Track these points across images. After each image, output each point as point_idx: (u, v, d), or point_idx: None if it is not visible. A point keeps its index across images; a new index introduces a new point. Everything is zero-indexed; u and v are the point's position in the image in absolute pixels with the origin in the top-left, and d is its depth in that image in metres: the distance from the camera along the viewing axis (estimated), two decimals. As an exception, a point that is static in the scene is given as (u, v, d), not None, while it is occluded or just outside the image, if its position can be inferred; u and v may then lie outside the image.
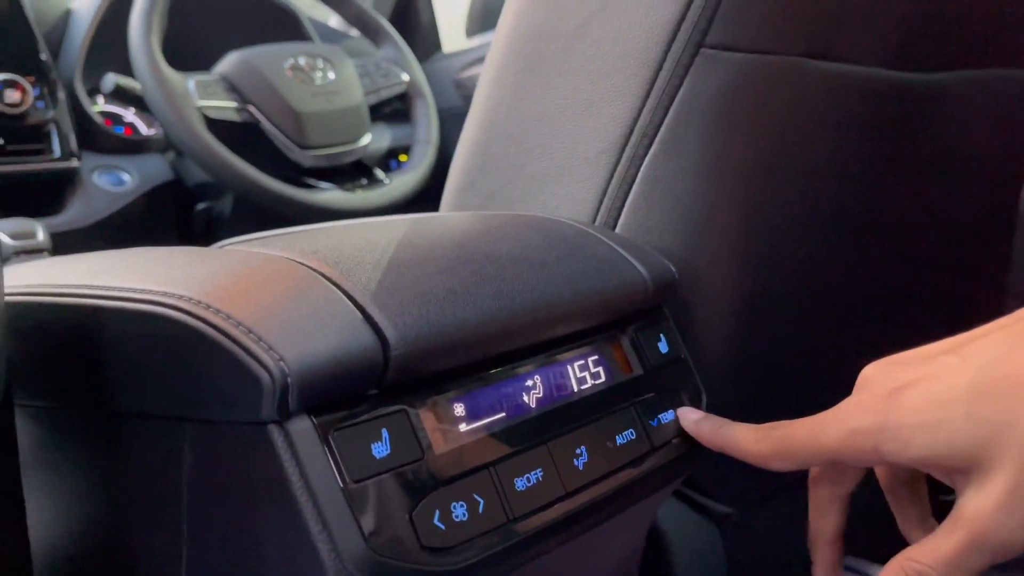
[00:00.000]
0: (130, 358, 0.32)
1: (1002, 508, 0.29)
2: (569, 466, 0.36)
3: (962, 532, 0.30)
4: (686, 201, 0.46)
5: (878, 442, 0.32)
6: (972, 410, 0.30)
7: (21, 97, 1.12)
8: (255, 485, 0.29)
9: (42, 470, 0.38)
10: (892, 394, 0.32)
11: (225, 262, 0.33)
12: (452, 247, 0.38)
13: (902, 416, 0.31)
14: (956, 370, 0.31)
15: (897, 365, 0.34)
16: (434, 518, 0.31)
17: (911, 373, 0.33)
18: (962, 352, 0.32)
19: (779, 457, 0.36)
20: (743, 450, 0.38)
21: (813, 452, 0.35)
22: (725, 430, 0.39)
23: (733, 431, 0.39)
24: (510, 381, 0.36)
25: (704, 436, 0.40)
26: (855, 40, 0.44)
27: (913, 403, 0.31)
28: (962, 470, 0.31)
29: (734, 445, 0.38)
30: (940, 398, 0.31)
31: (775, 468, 0.36)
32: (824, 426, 0.34)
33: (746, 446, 0.37)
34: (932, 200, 0.48)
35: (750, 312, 0.48)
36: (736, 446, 0.38)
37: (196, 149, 1.12)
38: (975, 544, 0.30)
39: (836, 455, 0.34)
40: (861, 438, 0.33)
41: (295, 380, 0.28)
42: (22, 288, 0.36)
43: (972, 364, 0.31)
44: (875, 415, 0.32)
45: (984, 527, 0.30)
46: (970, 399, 0.30)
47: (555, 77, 0.49)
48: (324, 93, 1.25)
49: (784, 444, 0.36)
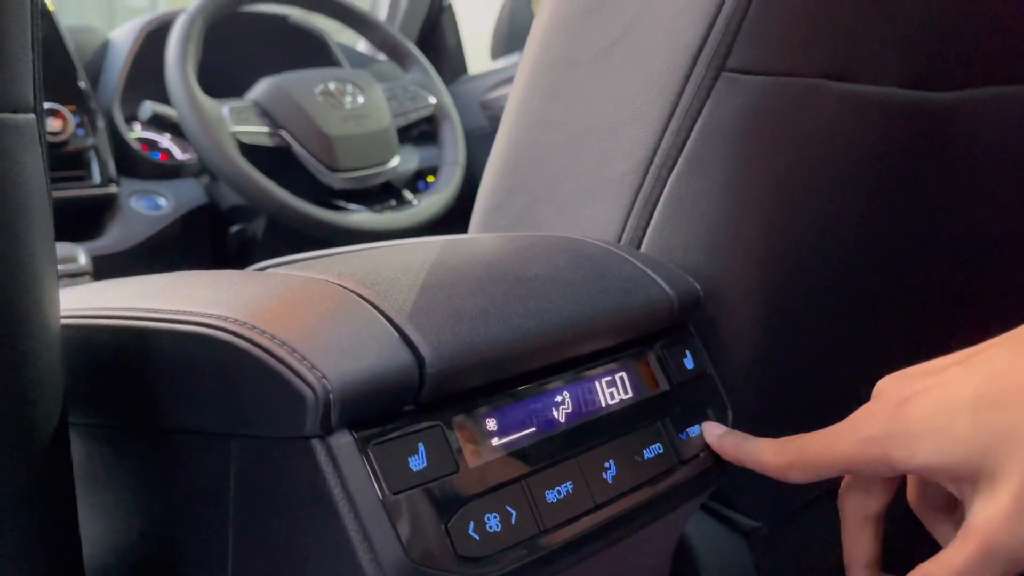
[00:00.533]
0: (179, 377, 0.34)
1: (1011, 517, 0.30)
2: (598, 479, 0.37)
3: (973, 544, 0.31)
4: (710, 220, 0.47)
5: (887, 450, 0.33)
6: (977, 419, 0.31)
7: (62, 126, 1.16)
8: (298, 497, 0.31)
9: (94, 486, 0.40)
10: (901, 403, 0.33)
11: (268, 285, 0.35)
12: (483, 268, 0.39)
13: (909, 424, 0.32)
14: (962, 379, 0.32)
15: (908, 377, 0.35)
16: (469, 529, 0.32)
17: (920, 384, 0.33)
18: (968, 363, 0.33)
19: (796, 468, 0.37)
20: (763, 463, 0.39)
21: (828, 462, 0.36)
22: (746, 444, 0.40)
23: (754, 445, 0.40)
24: (540, 397, 0.37)
25: (726, 451, 0.41)
26: (873, 61, 0.45)
27: (920, 412, 0.32)
28: (969, 479, 0.31)
29: (755, 459, 0.39)
30: (946, 407, 0.31)
31: (794, 480, 0.37)
32: (837, 436, 0.35)
33: (765, 459, 0.38)
34: (953, 217, 0.49)
35: (774, 328, 0.49)
36: (756, 459, 0.39)
37: (230, 173, 1.15)
38: (987, 555, 0.30)
39: (849, 464, 0.35)
40: (871, 446, 0.33)
41: (337, 396, 0.29)
42: (76, 311, 0.38)
43: (977, 373, 0.32)
44: (884, 423, 0.33)
45: (995, 537, 0.30)
46: (975, 408, 0.31)
47: (580, 102, 0.50)
48: (353, 117, 1.28)
49: (800, 455, 0.37)
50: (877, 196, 0.48)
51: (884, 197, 0.48)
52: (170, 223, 1.28)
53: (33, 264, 0.31)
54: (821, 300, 0.49)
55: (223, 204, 1.35)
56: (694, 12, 0.45)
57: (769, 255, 0.47)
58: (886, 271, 0.50)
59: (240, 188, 1.16)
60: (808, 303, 0.49)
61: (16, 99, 0.29)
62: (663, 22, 0.46)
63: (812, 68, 0.45)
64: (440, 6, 1.69)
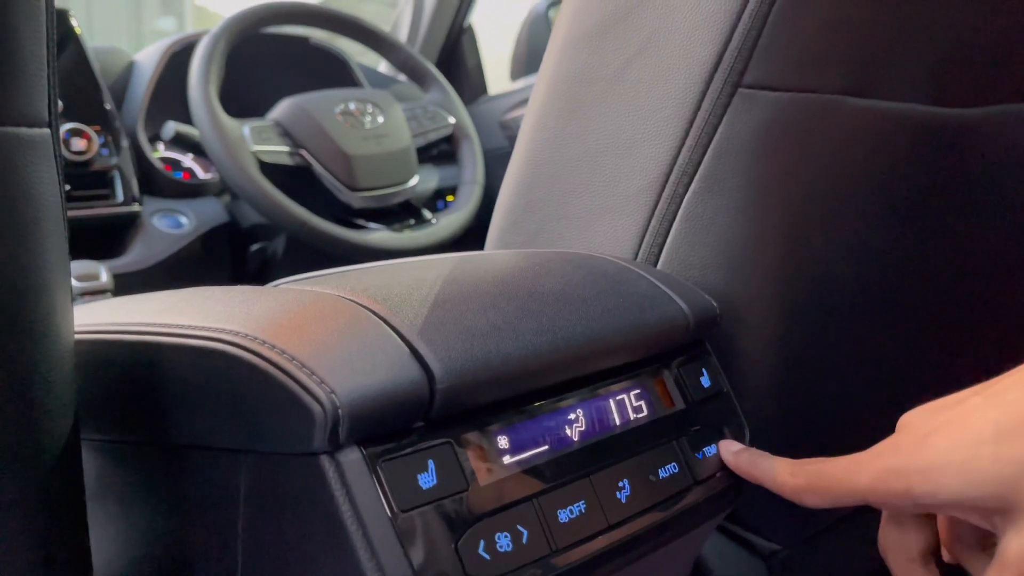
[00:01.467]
0: (190, 392, 0.34)
1: None
2: (611, 499, 0.37)
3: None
4: (727, 238, 0.46)
5: (910, 485, 0.32)
6: (999, 451, 0.30)
7: (87, 145, 1.17)
8: (307, 514, 0.31)
9: (105, 501, 0.40)
10: (924, 437, 0.33)
11: (279, 300, 0.35)
12: (496, 284, 0.39)
13: (932, 458, 0.32)
14: (981, 411, 0.31)
15: (932, 411, 0.34)
16: (479, 548, 0.32)
17: (942, 417, 0.33)
18: (987, 393, 0.32)
19: (812, 492, 0.36)
20: (778, 483, 0.38)
21: (846, 490, 0.35)
22: (762, 462, 0.40)
23: (770, 463, 0.39)
24: (553, 414, 0.37)
25: (742, 468, 0.41)
26: (891, 77, 0.45)
27: (942, 446, 0.32)
28: (998, 511, 0.30)
29: (770, 477, 0.38)
30: (967, 440, 0.31)
31: (809, 504, 0.37)
32: (858, 464, 0.35)
33: (782, 479, 0.38)
34: (973, 235, 0.48)
35: (792, 346, 0.48)
36: (772, 478, 0.38)
37: (251, 192, 1.16)
38: None
39: (868, 495, 0.34)
40: (893, 479, 0.33)
41: (346, 412, 0.29)
42: (88, 327, 0.38)
43: (996, 404, 0.31)
44: (906, 456, 0.33)
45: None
46: (996, 440, 0.30)
47: (596, 119, 0.50)
48: (373, 136, 1.29)
49: (818, 479, 0.36)
50: (896, 213, 0.48)
51: (903, 214, 0.48)
52: (191, 241, 1.29)
53: (46, 278, 0.31)
54: (839, 318, 0.48)
55: (244, 223, 1.36)
56: (710, 28, 0.45)
57: (786, 273, 0.47)
58: (905, 289, 0.49)
59: (260, 207, 1.17)
60: (826, 322, 0.48)
61: (31, 114, 0.29)
62: (679, 39, 0.46)
63: (830, 84, 0.44)
64: (460, 28, 1.71)
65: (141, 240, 1.26)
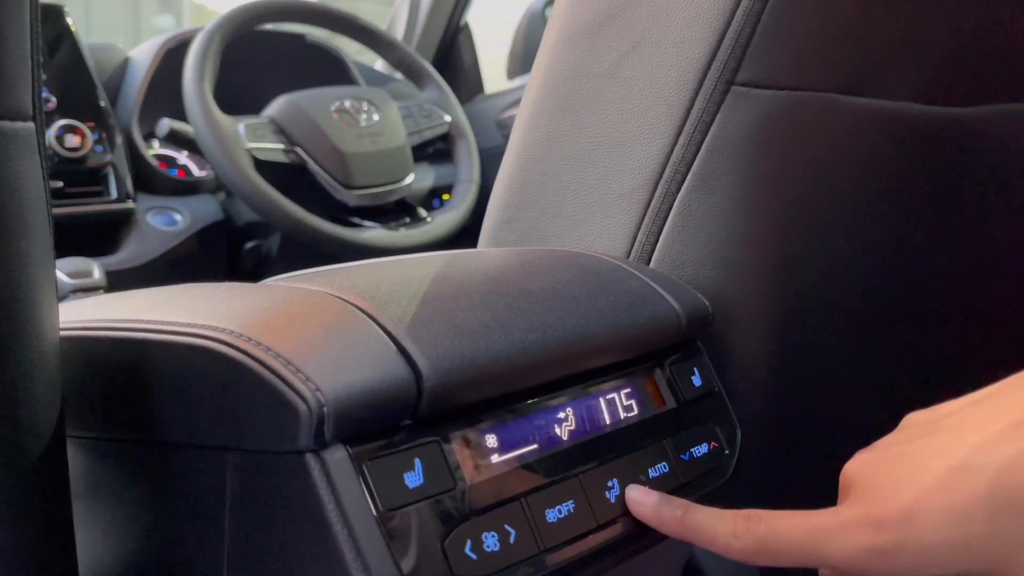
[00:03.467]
0: (175, 390, 0.34)
1: None
2: (601, 498, 0.36)
3: None
4: (720, 236, 0.46)
5: (896, 564, 0.30)
6: (993, 528, 0.28)
7: (81, 142, 1.17)
8: (293, 512, 0.30)
9: (90, 499, 0.40)
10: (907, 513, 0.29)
11: (266, 297, 0.35)
12: (486, 282, 0.39)
13: (922, 536, 0.29)
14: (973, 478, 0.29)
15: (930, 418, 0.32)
16: (465, 548, 0.31)
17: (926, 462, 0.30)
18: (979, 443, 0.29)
19: (765, 556, 0.32)
20: (719, 545, 0.33)
21: (811, 559, 0.31)
22: (692, 518, 0.34)
23: (704, 520, 0.34)
24: (542, 413, 0.36)
25: (667, 525, 0.35)
26: (886, 75, 0.45)
27: (931, 522, 0.29)
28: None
29: (708, 537, 0.33)
30: (960, 515, 0.29)
31: (760, 565, 0.32)
32: (827, 535, 0.31)
33: (723, 540, 0.33)
34: (967, 234, 0.48)
35: (784, 345, 0.48)
36: (710, 539, 0.33)
37: (245, 190, 1.16)
38: None
39: (843, 570, 0.31)
40: (877, 559, 0.30)
41: (331, 410, 0.29)
42: (74, 323, 0.37)
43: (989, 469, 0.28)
44: (891, 535, 0.30)
45: None
46: (990, 514, 0.28)
47: (589, 116, 0.50)
48: (369, 134, 1.29)
49: (772, 543, 0.32)
50: (890, 212, 0.47)
51: (897, 213, 0.47)
52: (186, 239, 1.29)
53: (30, 273, 0.30)
54: (832, 317, 0.48)
55: (239, 220, 1.36)
56: (704, 26, 0.45)
57: (780, 271, 0.46)
58: (899, 288, 0.49)
59: (255, 204, 1.17)
60: (819, 320, 0.48)
61: (14, 107, 0.29)
62: (673, 36, 0.46)
63: (824, 82, 0.44)
64: (457, 26, 1.70)
65: (135, 237, 1.25)
